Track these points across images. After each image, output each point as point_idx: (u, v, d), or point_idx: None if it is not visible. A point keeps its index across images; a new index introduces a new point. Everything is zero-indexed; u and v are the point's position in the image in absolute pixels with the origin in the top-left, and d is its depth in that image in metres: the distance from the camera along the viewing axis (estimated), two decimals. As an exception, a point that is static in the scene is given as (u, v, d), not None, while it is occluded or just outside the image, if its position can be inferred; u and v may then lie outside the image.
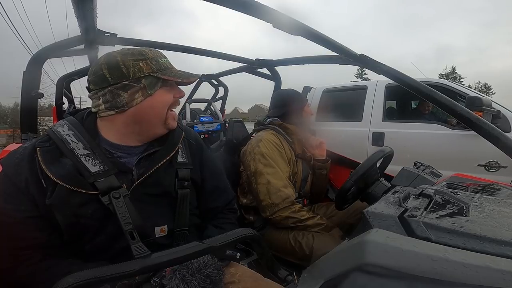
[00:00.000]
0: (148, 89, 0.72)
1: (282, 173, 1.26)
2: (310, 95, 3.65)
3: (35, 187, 0.65)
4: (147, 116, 0.74)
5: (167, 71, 0.74)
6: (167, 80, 0.74)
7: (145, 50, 0.75)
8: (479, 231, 0.48)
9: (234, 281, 0.77)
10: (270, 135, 1.35)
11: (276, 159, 1.28)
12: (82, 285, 0.48)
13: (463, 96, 2.69)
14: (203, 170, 0.90)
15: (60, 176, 0.66)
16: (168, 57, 0.80)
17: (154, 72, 0.72)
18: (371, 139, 2.98)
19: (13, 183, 0.65)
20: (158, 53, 0.76)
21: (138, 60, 0.71)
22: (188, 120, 2.20)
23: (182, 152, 0.85)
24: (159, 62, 0.74)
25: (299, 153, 1.44)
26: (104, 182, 0.68)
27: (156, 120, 0.76)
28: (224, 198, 0.96)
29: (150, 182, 0.75)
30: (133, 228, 0.67)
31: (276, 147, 1.31)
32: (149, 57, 0.73)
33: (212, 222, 0.93)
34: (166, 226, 0.77)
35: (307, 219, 1.22)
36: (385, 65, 0.93)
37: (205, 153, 0.94)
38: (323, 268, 0.44)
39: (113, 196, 0.68)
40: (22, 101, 1.15)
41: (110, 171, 0.70)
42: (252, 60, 1.64)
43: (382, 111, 2.99)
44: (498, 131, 0.77)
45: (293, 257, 1.21)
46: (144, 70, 0.71)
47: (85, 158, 0.69)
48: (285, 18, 0.72)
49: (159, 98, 0.74)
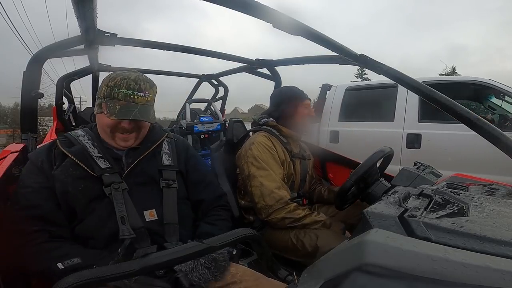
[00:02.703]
0: (98, 108, 0.90)
1: (275, 175, 1.26)
2: (330, 94, 3.52)
3: (47, 165, 0.85)
4: (99, 125, 0.93)
5: (111, 102, 0.87)
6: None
7: (118, 76, 0.88)
8: (479, 231, 0.48)
9: (236, 281, 0.78)
10: (262, 138, 1.34)
11: (268, 161, 1.28)
12: (82, 285, 0.48)
13: (507, 95, 2.53)
14: (188, 163, 1.04)
15: (70, 151, 0.86)
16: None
17: (104, 98, 0.88)
18: (405, 141, 2.77)
19: (33, 164, 0.86)
20: (123, 84, 0.87)
21: (105, 83, 0.89)
22: (188, 120, 2.20)
23: (168, 156, 0.99)
24: (113, 91, 0.86)
25: (296, 153, 1.43)
26: (109, 177, 0.86)
27: (104, 134, 0.92)
28: (211, 191, 1.05)
29: (137, 171, 0.90)
30: (124, 215, 0.81)
31: (268, 149, 1.30)
32: (110, 84, 0.87)
33: (204, 219, 0.99)
34: (154, 210, 0.88)
35: (303, 217, 1.21)
36: (385, 65, 0.93)
37: (191, 151, 1.10)
38: (323, 268, 0.44)
39: (113, 187, 0.84)
40: (22, 101, 1.15)
41: (114, 169, 0.87)
42: (252, 60, 1.64)
43: (418, 111, 2.78)
44: (499, 131, 0.77)
45: (294, 255, 1.20)
46: (101, 92, 0.89)
47: (97, 158, 0.87)
48: (285, 18, 0.72)
49: (101, 119, 0.90)
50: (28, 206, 0.79)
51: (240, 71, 1.92)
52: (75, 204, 0.83)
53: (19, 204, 0.81)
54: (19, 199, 0.81)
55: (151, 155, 0.95)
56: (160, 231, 0.86)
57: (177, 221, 0.89)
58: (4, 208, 0.84)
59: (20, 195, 0.82)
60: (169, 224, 0.87)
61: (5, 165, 0.94)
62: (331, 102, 3.47)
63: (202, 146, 2.17)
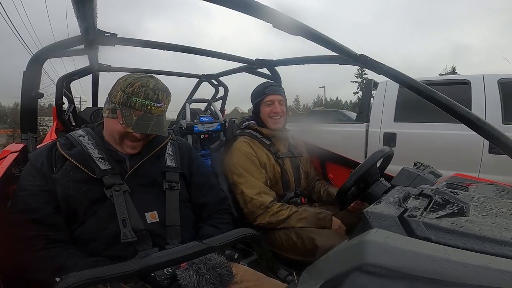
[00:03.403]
0: (111, 112, 0.87)
1: (256, 181, 1.25)
2: (379, 92, 3.13)
3: (47, 167, 0.84)
4: (107, 129, 0.92)
5: (127, 111, 0.85)
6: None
7: (137, 82, 0.85)
8: (479, 231, 0.48)
9: (236, 281, 0.78)
10: (241, 144, 1.35)
11: (247, 167, 1.28)
12: (82, 285, 0.48)
13: None
14: (191, 166, 1.04)
15: (70, 154, 0.85)
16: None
17: (119, 104, 0.85)
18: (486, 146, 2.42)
19: (33, 166, 0.84)
20: (141, 92, 0.84)
21: (121, 88, 0.86)
22: (188, 120, 2.19)
23: (172, 158, 0.99)
24: (130, 99, 0.84)
25: (283, 152, 1.41)
26: (110, 178, 0.85)
27: (111, 138, 0.91)
28: (214, 194, 1.05)
29: (140, 172, 0.90)
30: (126, 217, 0.80)
31: (247, 155, 1.31)
32: (128, 91, 0.85)
33: (207, 222, 0.99)
34: (155, 212, 0.87)
35: (288, 217, 1.22)
36: (384, 65, 0.93)
37: (194, 154, 1.09)
38: (323, 268, 0.44)
39: (114, 189, 0.83)
40: (22, 101, 1.15)
41: (115, 170, 0.86)
42: (252, 60, 1.64)
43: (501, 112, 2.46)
44: (499, 131, 0.77)
45: (295, 254, 1.20)
46: (117, 97, 0.86)
47: (98, 160, 0.86)
48: (285, 18, 0.72)
49: (112, 124, 0.88)
50: (26, 210, 0.79)
51: (240, 71, 1.91)
52: (77, 207, 0.82)
53: (17, 207, 0.80)
54: (17, 202, 0.81)
55: (155, 157, 0.95)
56: (162, 233, 0.85)
57: (179, 223, 0.89)
58: (4, 208, 0.84)
59: (18, 198, 0.81)
60: (171, 226, 0.87)
61: (5, 165, 0.94)
62: (382, 100, 3.06)
63: (202, 146, 2.17)
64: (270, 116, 1.39)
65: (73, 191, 0.82)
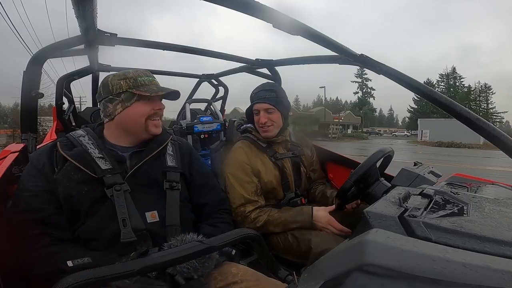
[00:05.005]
0: (126, 102, 0.90)
1: (243, 191, 1.26)
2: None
3: (49, 168, 0.84)
4: (127, 123, 0.92)
5: (142, 87, 0.90)
6: (143, 95, 0.89)
7: (129, 71, 0.93)
8: (479, 231, 0.48)
9: (237, 281, 0.78)
10: (236, 151, 1.35)
11: (238, 176, 1.28)
12: (82, 285, 0.48)
13: None
14: (192, 167, 1.04)
15: (70, 155, 0.85)
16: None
17: (131, 88, 0.89)
18: None
19: (34, 166, 0.85)
20: (140, 73, 0.93)
21: (120, 79, 0.90)
22: (188, 120, 2.19)
23: (172, 158, 1.00)
24: (137, 80, 0.90)
25: (281, 153, 1.40)
26: (111, 178, 0.85)
27: (136, 126, 0.92)
28: (214, 195, 1.06)
29: (140, 172, 0.90)
30: (126, 217, 0.81)
31: (239, 163, 1.30)
32: (129, 77, 0.90)
33: (207, 221, 1.00)
34: (156, 212, 0.87)
35: (265, 223, 1.23)
36: (385, 65, 0.94)
37: (194, 154, 1.10)
38: (323, 268, 0.44)
39: (114, 189, 0.84)
40: (22, 101, 1.15)
41: (116, 170, 0.87)
42: (252, 60, 1.64)
43: None
44: (499, 131, 0.77)
45: (292, 255, 1.20)
46: (123, 87, 0.89)
47: (98, 159, 0.87)
48: (285, 18, 0.72)
49: (135, 110, 0.90)
50: (28, 210, 0.79)
51: (240, 71, 1.91)
52: (79, 207, 0.83)
53: (19, 207, 0.80)
54: (19, 202, 0.81)
55: (156, 157, 0.96)
56: (162, 232, 0.86)
57: (179, 223, 0.89)
58: (3, 209, 0.84)
59: (20, 198, 0.82)
60: (172, 226, 0.87)
61: (5, 165, 0.94)
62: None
63: (202, 146, 2.17)
64: (258, 126, 1.37)
65: (74, 192, 0.82)
